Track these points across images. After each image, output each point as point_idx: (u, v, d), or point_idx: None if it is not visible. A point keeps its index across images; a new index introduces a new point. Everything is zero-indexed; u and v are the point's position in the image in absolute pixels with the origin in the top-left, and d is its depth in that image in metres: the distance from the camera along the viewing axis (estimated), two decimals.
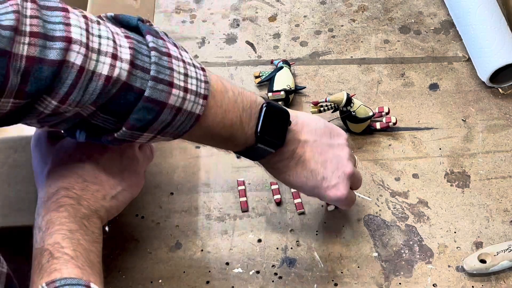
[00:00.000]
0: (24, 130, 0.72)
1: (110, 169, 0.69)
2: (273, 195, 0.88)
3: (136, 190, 0.73)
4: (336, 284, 0.80)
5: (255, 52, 1.05)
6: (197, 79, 0.64)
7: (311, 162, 0.73)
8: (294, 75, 1.00)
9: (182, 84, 0.62)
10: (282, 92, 0.95)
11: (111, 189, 0.69)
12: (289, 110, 0.73)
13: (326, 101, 0.89)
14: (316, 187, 0.74)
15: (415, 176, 0.89)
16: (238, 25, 1.09)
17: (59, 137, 0.71)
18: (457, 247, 0.83)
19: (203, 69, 0.65)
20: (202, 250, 0.84)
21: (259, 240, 0.84)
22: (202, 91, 0.64)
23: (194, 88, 0.63)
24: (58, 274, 0.58)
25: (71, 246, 0.60)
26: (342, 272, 0.81)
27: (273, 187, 0.89)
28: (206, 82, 0.64)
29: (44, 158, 0.69)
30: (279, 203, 0.87)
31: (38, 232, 0.63)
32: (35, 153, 0.72)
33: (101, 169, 0.68)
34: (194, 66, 0.64)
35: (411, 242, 0.83)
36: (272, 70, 1.00)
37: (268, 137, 0.70)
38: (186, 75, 0.62)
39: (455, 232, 0.84)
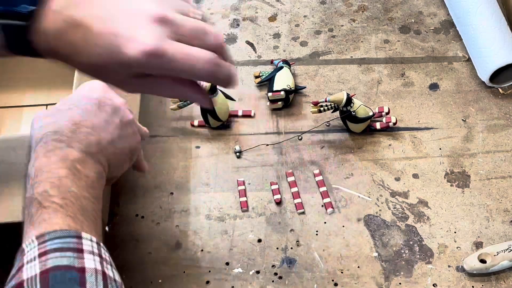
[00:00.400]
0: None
1: (101, 116, 0.64)
2: (273, 195, 0.88)
3: (133, 141, 0.68)
4: (336, 284, 0.80)
5: (255, 52, 1.05)
6: None
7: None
8: (294, 75, 1.00)
9: None
10: (282, 92, 0.95)
11: (106, 134, 0.64)
12: None
13: (326, 101, 0.89)
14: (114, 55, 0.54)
15: (415, 176, 0.89)
16: (238, 25, 1.09)
17: None
18: (457, 247, 0.83)
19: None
20: (202, 250, 0.84)
21: (259, 240, 0.84)
22: None
23: None
24: (48, 225, 0.55)
25: (59, 195, 0.57)
26: (342, 272, 0.81)
27: (273, 187, 0.89)
28: None
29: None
30: (279, 203, 0.87)
31: (28, 180, 0.59)
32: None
33: (92, 115, 0.64)
34: None
35: (411, 242, 0.83)
36: (272, 70, 1.00)
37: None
38: None
39: (455, 232, 0.84)
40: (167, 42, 0.53)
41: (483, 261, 0.78)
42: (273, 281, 0.80)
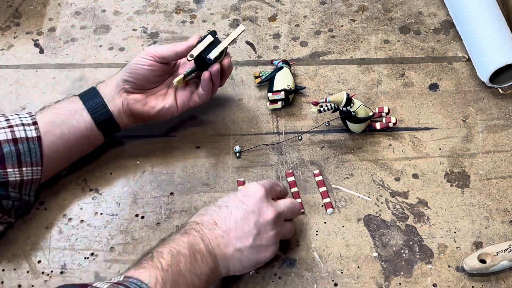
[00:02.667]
0: None
1: (242, 224, 0.75)
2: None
3: (265, 255, 0.76)
4: (336, 284, 0.80)
5: (255, 52, 1.05)
6: None
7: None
8: (294, 75, 1.00)
9: None
10: (282, 92, 0.95)
11: (236, 241, 0.74)
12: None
13: (326, 101, 0.89)
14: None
15: (415, 176, 0.89)
16: (238, 25, 1.09)
17: None
18: (457, 247, 0.83)
19: None
20: None
21: None
22: None
23: None
24: (139, 274, 0.66)
25: (169, 261, 0.69)
26: (342, 272, 0.81)
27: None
28: None
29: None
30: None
31: (160, 242, 0.73)
32: None
33: (232, 218, 0.75)
34: None
35: (411, 242, 0.83)
36: (272, 70, 1.00)
37: None
38: None
39: (455, 232, 0.84)
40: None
41: (483, 261, 0.78)
42: (273, 281, 0.80)
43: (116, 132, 0.89)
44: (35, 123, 0.82)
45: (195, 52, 0.85)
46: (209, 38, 0.86)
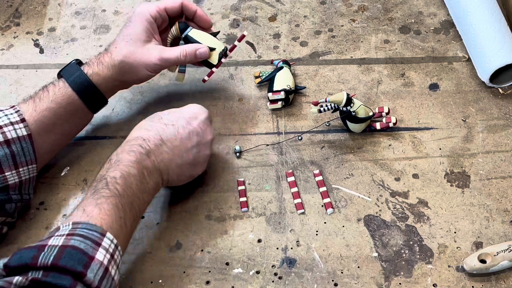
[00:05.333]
0: None
1: (186, 143, 0.81)
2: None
3: (197, 171, 0.85)
4: (336, 284, 0.80)
5: (255, 52, 1.05)
6: None
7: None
8: (294, 75, 1.00)
9: None
10: (282, 92, 0.95)
11: (179, 158, 0.80)
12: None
13: (326, 101, 0.89)
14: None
15: (415, 176, 0.89)
16: (238, 25, 1.09)
17: None
18: (457, 247, 0.83)
19: None
20: (202, 250, 0.84)
21: (259, 240, 0.84)
22: None
23: None
24: (90, 215, 0.69)
25: (123, 185, 0.73)
26: (342, 272, 0.81)
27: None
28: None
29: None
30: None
31: (107, 163, 0.76)
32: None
33: (178, 137, 0.80)
34: None
35: (411, 242, 0.83)
36: (272, 70, 1.00)
37: None
38: None
39: (455, 232, 0.84)
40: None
41: (483, 261, 0.78)
42: (273, 281, 0.80)
43: (101, 98, 0.87)
44: (23, 119, 0.81)
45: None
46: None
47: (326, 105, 0.90)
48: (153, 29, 0.89)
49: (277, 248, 0.83)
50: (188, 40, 0.90)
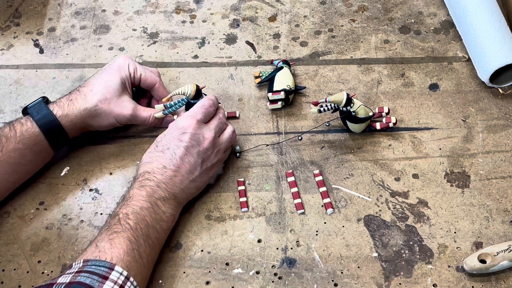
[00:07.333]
0: None
1: (188, 159, 0.82)
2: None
3: (213, 172, 0.86)
4: (336, 284, 0.80)
5: (255, 52, 1.05)
6: None
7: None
8: (294, 75, 1.00)
9: None
10: (282, 92, 0.95)
11: (188, 174, 0.82)
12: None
13: (326, 101, 0.89)
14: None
15: (415, 176, 0.89)
16: (238, 25, 1.09)
17: None
18: (457, 247, 0.83)
19: None
20: (202, 250, 0.84)
21: (259, 240, 0.84)
22: None
23: None
24: (101, 251, 0.72)
25: (135, 219, 0.76)
26: (342, 272, 0.81)
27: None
28: None
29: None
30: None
31: (121, 201, 0.79)
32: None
33: (178, 157, 0.81)
34: None
35: (411, 242, 0.83)
36: (272, 70, 1.00)
37: None
38: None
39: (455, 232, 0.84)
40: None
41: (483, 261, 0.78)
42: (273, 281, 0.80)
43: (63, 136, 0.86)
44: None
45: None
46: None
47: (326, 105, 0.90)
48: (128, 84, 0.91)
49: (277, 248, 0.83)
50: (190, 103, 0.89)
